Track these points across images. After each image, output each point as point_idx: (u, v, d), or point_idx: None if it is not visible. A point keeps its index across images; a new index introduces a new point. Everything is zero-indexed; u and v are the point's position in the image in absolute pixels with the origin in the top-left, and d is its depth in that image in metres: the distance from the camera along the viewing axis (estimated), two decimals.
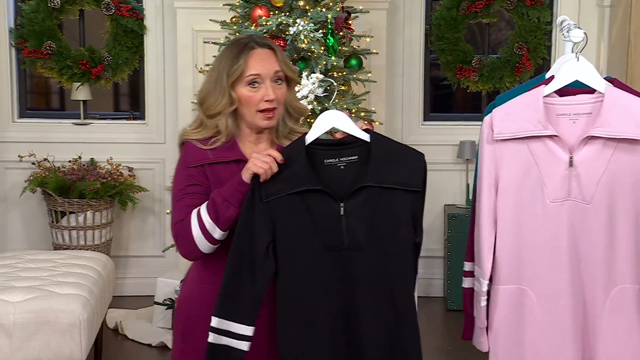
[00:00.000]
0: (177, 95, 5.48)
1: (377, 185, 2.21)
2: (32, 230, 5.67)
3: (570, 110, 2.32)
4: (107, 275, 4.23)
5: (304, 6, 4.36)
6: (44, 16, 5.54)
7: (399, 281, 2.22)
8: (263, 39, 2.42)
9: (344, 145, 2.27)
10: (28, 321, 3.48)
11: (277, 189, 2.22)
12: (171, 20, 5.52)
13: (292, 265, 2.22)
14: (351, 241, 2.21)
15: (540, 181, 2.31)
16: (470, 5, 5.70)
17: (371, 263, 2.21)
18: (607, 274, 2.32)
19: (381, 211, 2.21)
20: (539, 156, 2.31)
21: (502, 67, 5.75)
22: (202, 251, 2.32)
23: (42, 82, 6.26)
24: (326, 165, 2.25)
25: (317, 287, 2.21)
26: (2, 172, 5.67)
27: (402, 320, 2.22)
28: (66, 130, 5.69)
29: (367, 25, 5.05)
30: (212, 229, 2.27)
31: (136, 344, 4.77)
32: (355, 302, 2.21)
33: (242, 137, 2.41)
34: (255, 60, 2.34)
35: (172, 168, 5.82)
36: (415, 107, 5.82)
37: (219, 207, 2.26)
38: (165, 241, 5.58)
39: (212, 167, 2.34)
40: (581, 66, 2.35)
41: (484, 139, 2.37)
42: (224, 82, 2.34)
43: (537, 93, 2.33)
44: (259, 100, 2.34)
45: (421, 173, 2.25)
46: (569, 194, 2.30)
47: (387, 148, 2.26)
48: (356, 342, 2.21)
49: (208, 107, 2.37)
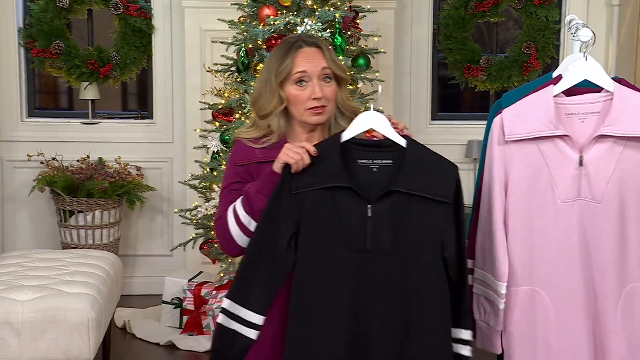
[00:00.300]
0: (185, 95, 5.48)
1: (407, 191, 2.19)
2: (41, 229, 5.69)
3: (579, 110, 2.32)
4: (115, 274, 4.24)
5: (312, 5, 4.36)
6: (52, 16, 5.55)
7: (415, 291, 2.18)
8: (311, 38, 2.42)
9: (380, 148, 2.25)
10: (36, 320, 3.49)
11: (307, 182, 2.21)
12: (179, 20, 5.53)
13: (311, 260, 2.21)
14: (374, 244, 2.19)
15: (551, 181, 2.30)
16: (478, 5, 5.69)
17: (390, 269, 2.18)
18: (619, 272, 2.31)
19: (408, 219, 2.19)
20: (549, 156, 2.30)
21: (510, 67, 5.74)
22: (241, 246, 2.32)
23: (50, 81, 6.28)
24: (359, 165, 2.24)
25: (333, 284, 2.19)
26: (10, 171, 5.68)
27: (415, 329, 2.18)
28: (74, 129, 5.70)
29: (375, 25, 5.05)
30: (248, 222, 2.29)
31: (144, 342, 4.78)
32: (368, 306, 2.19)
33: (294, 137, 2.41)
34: (302, 58, 2.34)
35: (180, 167, 5.83)
36: (422, 107, 5.82)
37: (252, 199, 2.27)
38: (173, 240, 5.58)
39: (258, 166, 2.35)
40: (590, 65, 2.34)
41: (494, 141, 2.36)
42: (273, 82, 2.35)
43: (547, 92, 2.32)
44: (307, 98, 2.34)
45: (453, 185, 2.22)
46: (579, 193, 2.29)
47: (422, 156, 2.24)
48: (364, 346, 2.19)
49: (260, 108, 2.39)
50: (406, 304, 2.19)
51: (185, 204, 5.29)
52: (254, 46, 4.44)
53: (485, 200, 2.41)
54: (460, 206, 2.23)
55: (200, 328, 4.76)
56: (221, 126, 4.57)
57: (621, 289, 2.32)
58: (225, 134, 4.49)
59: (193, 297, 4.79)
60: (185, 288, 4.84)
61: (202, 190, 4.71)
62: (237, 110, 4.50)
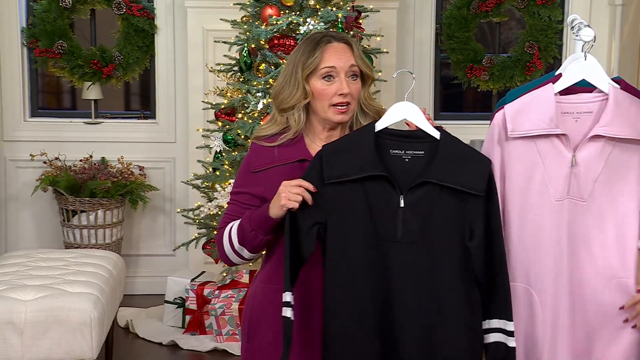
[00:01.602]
0: (188, 95, 5.49)
1: (439, 183, 2.18)
2: (44, 229, 5.70)
3: (574, 109, 2.33)
4: (118, 274, 4.25)
5: (315, 5, 4.37)
6: (55, 16, 5.56)
7: (443, 281, 2.19)
8: (340, 34, 2.40)
9: (413, 139, 2.24)
10: (39, 319, 3.50)
11: (340, 173, 2.21)
12: (182, 20, 5.53)
13: (342, 250, 2.21)
14: (404, 234, 2.19)
15: (546, 180, 2.31)
16: (480, 4, 5.69)
17: (420, 258, 2.19)
18: (603, 269, 2.31)
19: (438, 210, 2.19)
20: (545, 155, 2.31)
21: (513, 66, 5.74)
22: (235, 263, 2.39)
23: (53, 81, 6.28)
24: (392, 155, 2.23)
25: (364, 274, 2.20)
26: (13, 171, 5.69)
27: (442, 320, 2.19)
28: (77, 129, 5.71)
29: (378, 25, 5.05)
30: (241, 250, 2.33)
31: (147, 342, 4.78)
32: (398, 294, 2.19)
33: (312, 134, 2.39)
34: (331, 53, 2.32)
35: (182, 167, 5.84)
36: (425, 106, 5.80)
37: (247, 235, 2.29)
38: (175, 240, 5.59)
39: (275, 170, 2.34)
40: (588, 65, 2.35)
41: (495, 137, 2.36)
42: (299, 75, 2.32)
43: (548, 90, 2.33)
44: (333, 93, 2.31)
45: (485, 178, 2.21)
46: (568, 192, 2.31)
47: (455, 149, 2.24)
48: (393, 334, 2.20)
49: (282, 101, 2.35)
50: (434, 293, 2.19)
51: (188, 204, 5.30)
52: (256, 46, 4.45)
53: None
54: (493, 199, 2.22)
55: (202, 328, 4.76)
56: (224, 126, 4.58)
57: (605, 288, 2.32)
58: (228, 134, 4.50)
59: (195, 297, 4.79)
60: (187, 288, 4.84)
61: (204, 190, 4.72)
62: (239, 110, 4.50)
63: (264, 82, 4.32)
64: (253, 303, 2.42)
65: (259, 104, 4.28)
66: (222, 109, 4.56)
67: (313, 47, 2.33)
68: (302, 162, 2.32)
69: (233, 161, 4.46)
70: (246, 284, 4.70)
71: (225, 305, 4.62)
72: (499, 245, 2.23)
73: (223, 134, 4.54)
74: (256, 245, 2.30)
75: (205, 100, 4.95)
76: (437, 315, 2.19)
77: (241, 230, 2.31)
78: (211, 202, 4.57)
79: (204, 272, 5.12)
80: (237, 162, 4.40)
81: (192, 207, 4.80)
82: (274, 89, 2.41)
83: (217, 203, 4.47)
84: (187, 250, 4.95)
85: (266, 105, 4.27)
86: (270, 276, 2.37)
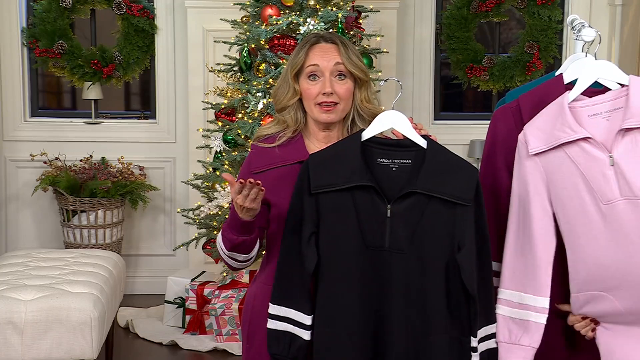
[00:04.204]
0: (188, 95, 5.49)
1: (426, 193, 2.18)
2: (44, 229, 5.70)
3: (602, 109, 2.26)
4: (118, 273, 4.25)
5: (315, 5, 4.37)
6: (55, 16, 5.56)
7: (431, 291, 2.19)
8: (330, 35, 2.41)
9: (400, 148, 2.24)
10: (39, 319, 3.50)
11: (326, 182, 2.21)
12: (182, 20, 5.54)
13: (331, 260, 2.21)
14: (392, 243, 2.19)
15: (589, 186, 2.25)
16: (480, 4, 5.69)
17: (408, 268, 2.18)
18: None
19: (426, 220, 2.18)
20: (580, 162, 2.22)
21: (513, 66, 5.74)
22: (235, 267, 2.41)
23: (53, 81, 6.28)
24: (378, 164, 2.23)
25: (353, 283, 2.20)
26: (13, 171, 5.69)
27: (430, 330, 2.19)
28: (77, 129, 5.71)
29: (378, 25, 5.06)
30: (231, 254, 2.35)
31: (147, 342, 4.79)
32: (387, 304, 2.20)
33: (310, 135, 2.41)
34: (316, 52, 2.34)
35: (182, 167, 5.84)
36: (425, 106, 5.82)
37: (227, 237, 2.31)
38: (175, 240, 5.59)
39: (276, 170, 2.35)
40: (599, 64, 2.31)
41: (523, 156, 2.28)
42: (288, 75, 2.36)
43: (562, 100, 2.28)
44: (317, 93, 2.32)
45: (473, 187, 2.20)
46: (621, 193, 2.22)
47: (442, 158, 2.23)
48: (382, 343, 2.21)
49: (277, 101, 2.40)
50: (422, 302, 2.19)
51: (188, 204, 5.30)
52: (256, 46, 4.45)
53: (518, 217, 2.31)
54: (480, 208, 2.22)
55: (202, 328, 4.77)
56: (224, 126, 4.58)
57: None
58: (228, 134, 4.50)
59: (196, 297, 4.79)
60: (187, 288, 4.84)
61: (204, 190, 4.72)
62: (239, 110, 4.50)
63: (264, 82, 4.32)
64: (253, 304, 2.42)
65: (259, 104, 4.28)
66: (222, 109, 4.56)
67: (301, 47, 2.37)
68: (301, 164, 2.32)
69: (233, 161, 4.46)
70: (246, 284, 4.70)
71: (225, 305, 4.63)
72: (487, 253, 2.23)
73: (223, 134, 4.54)
74: (237, 244, 2.30)
75: (205, 100, 4.95)
76: (424, 325, 2.19)
77: (222, 232, 2.34)
78: (211, 202, 4.57)
79: (204, 272, 5.12)
80: (237, 162, 4.40)
81: (192, 207, 4.81)
82: (274, 88, 2.45)
83: (217, 203, 4.47)
84: (187, 250, 4.95)
85: (266, 105, 4.27)
86: (270, 277, 2.37)
